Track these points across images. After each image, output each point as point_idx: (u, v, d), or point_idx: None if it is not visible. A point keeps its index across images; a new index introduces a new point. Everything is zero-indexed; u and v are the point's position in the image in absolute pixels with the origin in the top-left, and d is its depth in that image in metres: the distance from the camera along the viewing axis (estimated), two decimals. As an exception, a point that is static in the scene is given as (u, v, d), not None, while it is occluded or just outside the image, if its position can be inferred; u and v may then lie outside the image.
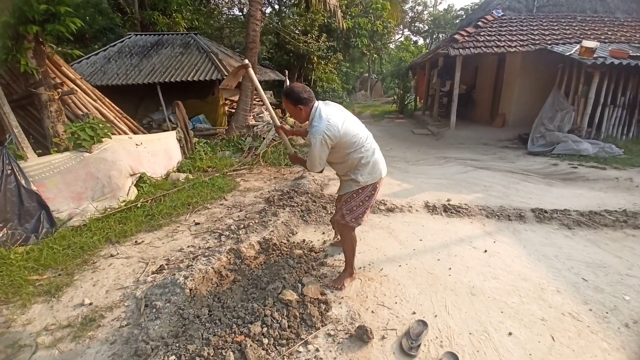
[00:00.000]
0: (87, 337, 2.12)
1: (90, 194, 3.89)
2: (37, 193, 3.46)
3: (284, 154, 6.53)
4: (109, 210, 3.82)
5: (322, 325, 2.17)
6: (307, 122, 2.24)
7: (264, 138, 7.21)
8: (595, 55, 6.96)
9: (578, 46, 7.48)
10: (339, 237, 3.24)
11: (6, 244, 3.04)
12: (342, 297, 2.46)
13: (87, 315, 2.30)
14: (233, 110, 9.04)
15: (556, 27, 9.33)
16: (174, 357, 1.86)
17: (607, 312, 2.30)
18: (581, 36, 8.76)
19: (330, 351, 1.98)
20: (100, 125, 4.21)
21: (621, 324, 2.19)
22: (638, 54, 7.21)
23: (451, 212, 3.95)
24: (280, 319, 2.16)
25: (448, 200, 4.30)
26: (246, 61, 2.58)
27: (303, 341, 2.04)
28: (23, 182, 3.37)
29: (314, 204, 4.12)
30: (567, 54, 7.39)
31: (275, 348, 1.98)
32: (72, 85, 5.24)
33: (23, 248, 3.06)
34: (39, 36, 4.37)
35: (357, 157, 2.23)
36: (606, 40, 8.70)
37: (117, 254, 3.08)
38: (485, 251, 3.10)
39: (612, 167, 5.86)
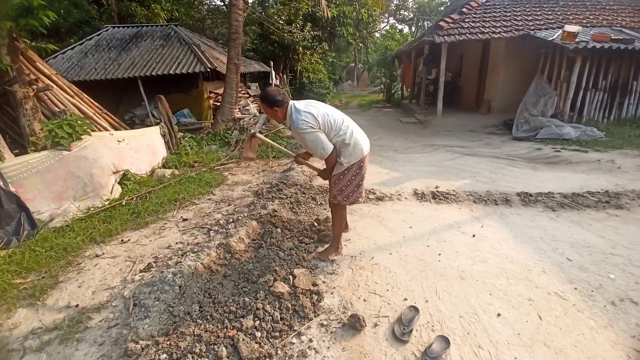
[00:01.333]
0: (75, 340, 2.07)
1: (72, 193, 3.76)
2: (16, 194, 3.33)
3: (272, 147, 6.45)
4: (92, 209, 3.72)
5: (315, 316, 2.17)
6: (284, 121, 2.42)
7: (251, 131, 7.09)
8: (577, 40, 7.05)
9: (560, 31, 7.55)
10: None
11: (-14, 248, 2.93)
12: (334, 287, 2.46)
13: (73, 317, 2.25)
14: (218, 104, 8.87)
15: (539, 12, 9.40)
16: (165, 355, 1.83)
17: (592, 291, 2.36)
18: (563, 21, 8.86)
19: (324, 341, 1.99)
20: (79, 122, 4.06)
21: (607, 302, 2.25)
22: (620, 37, 7.33)
23: (440, 199, 3.98)
24: (273, 311, 2.15)
25: (436, 187, 4.33)
26: (253, 131, 2.79)
27: (296, 332, 2.03)
28: (1, 183, 3.24)
29: (304, 195, 4.10)
30: (550, 39, 7.46)
31: (269, 341, 1.97)
32: (48, 81, 5.02)
33: (5, 251, 2.97)
34: (13, 31, 4.16)
35: (338, 141, 2.39)
36: (588, 25, 8.82)
37: (103, 253, 3.01)
38: (474, 236, 3.14)
39: (594, 150, 6.00)
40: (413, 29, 31.43)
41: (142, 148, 5.08)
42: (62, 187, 3.73)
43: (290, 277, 2.45)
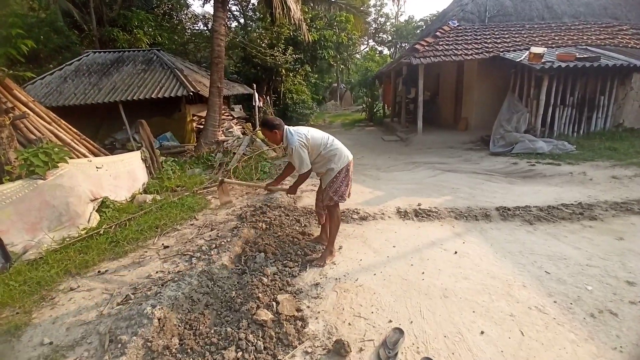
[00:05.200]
0: (46, 382, 1.95)
1: (46, 223, 3.62)
2: (-13, 227, 3.19)
3: (256, 168, 6.47)
4: (67, 240, 3.58)
5: (299, 343, 2.13)
6: (280, 143, 2.98)
7: (234, 153, 7.10)
8: (543, 60, 7.50)
9: (527, 52, 8.03)
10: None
11: (-47, 285, 2.76)
12: (319, 312, 2.43)
13: (47, 356, 2.12)
14: (202, 126, 8.86)
15: (507, 36, 9.99)
16: (142, 394, 1.74)
17: (571, 303, 2.41)
18: (530, 43, 9.43)
19: (308, 369, 1.94)
20: (56, 149, 3.97)
21: (586, 314, 2.30)
22: (585, 56, 7.83)
23: (422, 217, 4.05)
24: (256, 341, 2.10)
25: (419, 204, 4.41)
26: (221, 178, 3.47)
27: (280, 362, 1.99)
28: (-30, 216, 3.10)
29: (287, 217, 4.09)
30: (518, 60, 7.91)
31: (251, 372, 1.92)
32: (25, 109, 4.92)
33: (-22, 287, 2.80)
34: (-10, 60, 4.13)
35: (328, 152, 2.95)
36: (554, 45, 9.41)
37: (78, 286, 2.88)
38: (456, 252, 3.19)
39: (566, 163, 6.28)
40: (392, 50, 32.73)
41: (122, 174, 4.99)
42: (36, 217, 3.59)
43: (274, 303, 2.41)
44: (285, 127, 2.92)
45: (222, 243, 3.40)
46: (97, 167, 4.45)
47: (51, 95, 8.69)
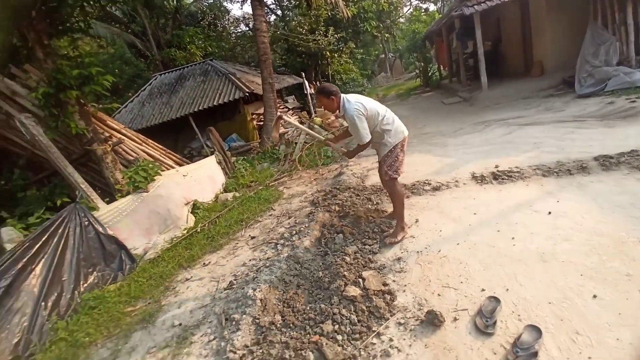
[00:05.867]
0: (184, 354, 2.35)
1: (157, 228, 4.29)
2: (114, 236, 3.89)
3: (319, 154, 6.64)
4: (175, 239, 4.19)
5: (391, 315, 2.20)
6: (337, 111, 2.94)
7: (296, 143, 7.36)
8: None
9: (611, -32, 6.65)
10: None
11: (99, 285, 3.48)
12: (405, 285, 2.47)
13: (179, 335, 2.56)
14: (262, 123, 9.35)
15: (582, -47, 8.36)
16: (261, 363, 2.01)
17: (701, 255, 2.06)
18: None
19: (404, 339, 2.01)
20: (150, 165, 4.61)
21: None
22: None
23: (502, 179, 3.75)
24: (349, 314, 2.23)
25: (496, 166, 4.08)
26: (278, 113, 3.48)
27: (375, 333, 2.09)
28: (100, 229, 3.81)
29: (358, 197, 4.15)
30: (599, -21, 6.61)
31: (350, 343, 2.06)
32: (119, 135, 5.77)
33: (114, 285, 3.49)
34: (80, 99, 4.77)
35: (384, 126, 2.91)
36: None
37: (191, 277, 3.38)
38: (550, 213, 2.90)
39: (680, 92, 5.16)
40: (439, 4, 29.87)
41: (204, 178, 5.58)
42: (148, 224, 4.27)
43: (360, 280, 2.52)
44: (343, 96, 2.90)
45: (302, 229, 3.62)
46: (183, 175, 5.05)
47: (136, 120, 9.98)
